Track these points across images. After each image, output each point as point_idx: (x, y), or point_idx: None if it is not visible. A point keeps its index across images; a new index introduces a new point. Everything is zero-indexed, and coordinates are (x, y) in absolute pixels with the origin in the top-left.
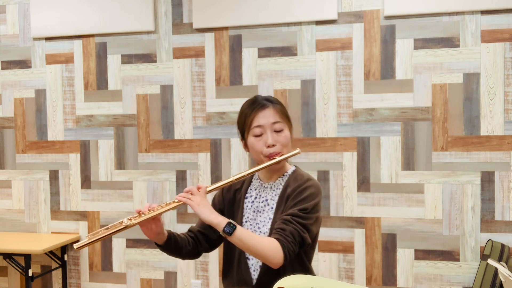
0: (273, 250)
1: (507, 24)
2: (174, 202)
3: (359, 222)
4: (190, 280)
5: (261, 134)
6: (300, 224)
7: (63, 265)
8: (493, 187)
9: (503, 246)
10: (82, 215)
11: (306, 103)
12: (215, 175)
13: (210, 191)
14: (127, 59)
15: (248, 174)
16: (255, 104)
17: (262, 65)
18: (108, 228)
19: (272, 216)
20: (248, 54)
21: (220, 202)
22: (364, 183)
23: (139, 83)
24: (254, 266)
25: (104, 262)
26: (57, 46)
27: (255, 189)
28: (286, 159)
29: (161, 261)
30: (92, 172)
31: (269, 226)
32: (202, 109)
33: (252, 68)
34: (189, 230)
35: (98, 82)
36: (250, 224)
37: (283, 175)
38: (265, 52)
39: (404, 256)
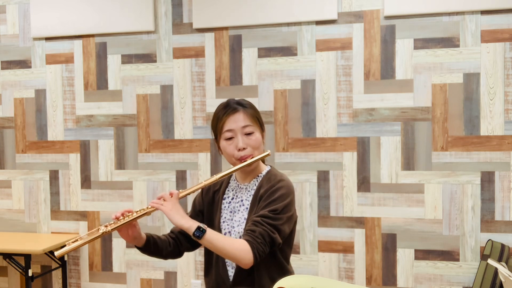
0: (243, 252)
1: (507, 24)
2: (147, 208)
3: (359, 222)
4: (190, 280)
5: (232, 138)
6: (270, 225)
7: (63, 265)
8: (493, 187)
9: (503, 246)
10: (82, 215)
11: (306, 103)
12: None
13: (182, 196)
14: (127, 59)
15: (219, 178)
16: (226, 109)
17: (262, 65)
18: (87, 235)
19: (246, 216)
20: (248, 54)
21: (200, 204)
22: (364, 183)
23: (139, 83)
24: (232, 264)
25: (104, 262)
26: (57, 46)
27: (232, 190)
28: (256, 161)
29: (161, 261)
30: (92, 172)
31: (243, 226)
32: (202, 109)
33: (252, 68)
34: (171, 231)
35: (98, 82)
36: (227, 224)
37: (258, 176)
38: (265, 52)
39: (404, 256)
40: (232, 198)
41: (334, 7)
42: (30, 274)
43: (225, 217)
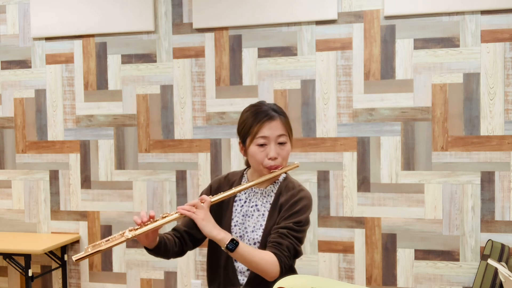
0: (271, 265)
1: (507, 24)
2: (176, 213)
3: (359, 222)
4: (190, 280)
5: (264, 145)
6: (295, 238)
7: (63, 265)
8: (493, 187)
9: (503, 246)
10: (82, 215)
11: (306, 103)
12: (215, 175)
13: (214, 202)
14: (127, 59)
15: (249, 186)
16: (263, 114)
17: (262, 65)
18: (108, 240)
19: (263, 223)
20: (248, 54)
21: None
22: (364, 183)
23: (139, 83)
24: (242, 269)
25: (104, 262)
26: (57, 46)
27: (245, 193)
28: (285, 172)
29: (161, 261)
30: (92, 172)
31: (260, 233)
32: (202, 109)
33: (252, 68)
34: (175, 229)
35: (98, 82)
36: (239, 228)
37: (275, 182)
38: (265, 52)
39: (404, 256)
40: (245, 202)
41: (334, 7)
42: (30, 274)
43: (236, 221)
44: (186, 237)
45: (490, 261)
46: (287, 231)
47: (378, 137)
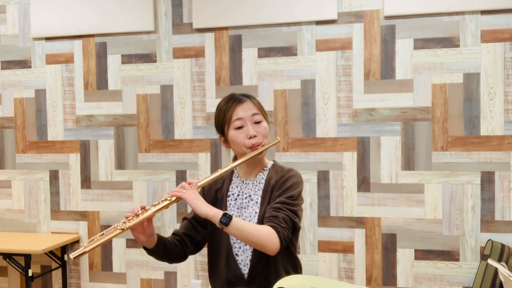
0: (270, 237)
1: (507, 24)
2: (167, 199)
3: (359, 222)
4: (190, 280)
5: (241, 127)
6: (290, 211)
7: (63, 265)
8: (493, 187)
9: (503, 246)
10: (82, 215)
11: (306, 103)
12: None
13: (200, 186)
14: (127, 59)
15: (234, 167)
16: (233, 100)
17: (262, 65)
18: (103, 234)
19: (257, 210)
20: (248, 54)
21: None
22: (364, 183)
23: (139, 83)
24: (244, 262)
25: (104, 262)
26: (57, 46)
27: (237, 187)
28: (268, 148)
29: (161, 261)
30: (92, 172)
31: (255, 221)
32: (202, 109)
33: (252, 68)
34: (174, 234)
35: (98, 82)
36: None
37: (263, 170)
38: (265, 52)
39: (404, 256)
40: (238, 195)
41: (334, 7)
42: (30, 274)
43: (232, 215)
44: (186, 239)
45: (490, 261)
46: (280, 205)
47: (378, 137)
